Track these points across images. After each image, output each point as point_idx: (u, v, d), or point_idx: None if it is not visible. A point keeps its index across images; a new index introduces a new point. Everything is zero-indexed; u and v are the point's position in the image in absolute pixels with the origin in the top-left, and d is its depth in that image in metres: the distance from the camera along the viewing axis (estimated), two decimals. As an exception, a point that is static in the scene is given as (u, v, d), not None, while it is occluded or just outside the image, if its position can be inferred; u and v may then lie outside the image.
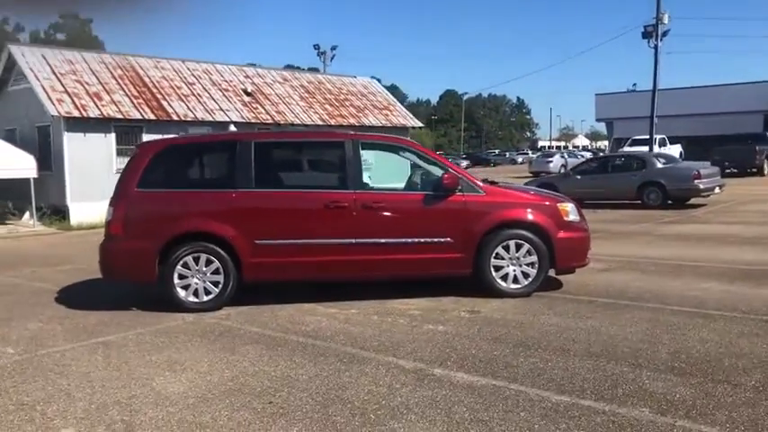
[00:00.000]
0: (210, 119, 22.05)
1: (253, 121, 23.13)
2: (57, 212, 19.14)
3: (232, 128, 22.06)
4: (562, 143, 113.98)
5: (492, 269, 7.37)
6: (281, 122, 23.90)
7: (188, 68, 24.08)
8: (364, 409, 4.29)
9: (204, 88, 23.43)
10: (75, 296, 8.26)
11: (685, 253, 10.22)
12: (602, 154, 43.35)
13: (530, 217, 7.40)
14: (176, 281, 7.12)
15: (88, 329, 6.58)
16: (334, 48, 46.95)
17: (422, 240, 7.28)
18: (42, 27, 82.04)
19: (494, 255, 7.34)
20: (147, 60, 23.32)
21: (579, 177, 18.94)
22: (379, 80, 32.53)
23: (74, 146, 19.09)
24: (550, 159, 43.08)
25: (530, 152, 74.30)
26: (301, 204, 7.25)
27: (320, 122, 25.25)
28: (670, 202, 17.69)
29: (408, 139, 8.94)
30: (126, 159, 8.68)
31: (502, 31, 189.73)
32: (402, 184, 7.91)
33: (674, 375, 4.73)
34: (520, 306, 6.99)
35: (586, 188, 18.60)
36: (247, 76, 25.59)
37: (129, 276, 7.40)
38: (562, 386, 4.59)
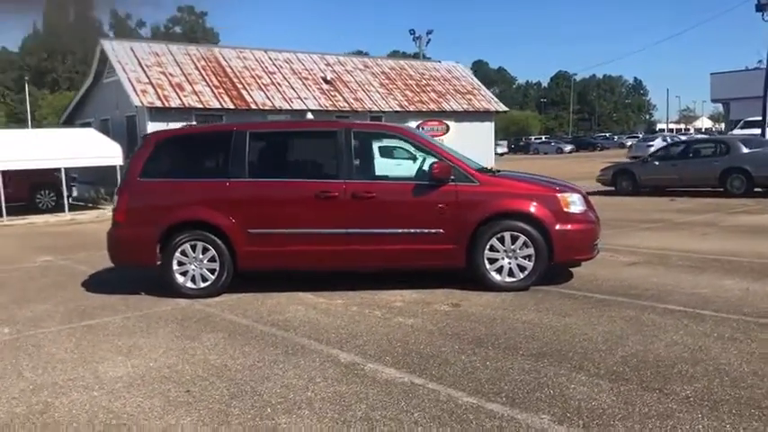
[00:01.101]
0: (288, 107, 22.56)
1: (330, 108, 23.46)
2: (142, 198, 20.24)
3: (309, 116, 22.51)
4: (681, 126, 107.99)
5: (486, 262, 7.13)
6: (359, 110, 24.10)
7: (270, 58, 24.71)
8: (267, 402, 4.30)
9: (284, 77, 23.98)
10: (102, 280, 8.71)
11: (733, 246, 9.46)
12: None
13: (525, 208, 7.09)
14: (175, 267, 7.37)
15: (86, 312, 6.95)
16: (429, 32, 46.55)
17: (412, 231, 7.15)
18: (161, 21, 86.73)
19: (488, 247, 7.10)
20: (230, 51, 24.14)
21: (658, 163, 17.89)
22: (486, 63, 31.84)
23: (157, 135, 20.06)
24: (651, 143, 40.95)
25: (641, 135, 70.89)
26: (293, 194, 7.29)
27: (398, 109, 25.25)
28: (758, 189, 16.41)
29: (400, 126, 8.56)
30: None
31: (615, 8, 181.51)
32: (405, 174, 7.78)
33: (608, 381, 4.42)
34: (509, 301, 6.74)
35: (665, 175, 17.61)
36: (328, 64, 25.95)
37: (132, 261, 7.74)
38: (481, 387, 4.40)
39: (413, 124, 26.07)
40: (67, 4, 78.34)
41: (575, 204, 7.24)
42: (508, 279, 7.16)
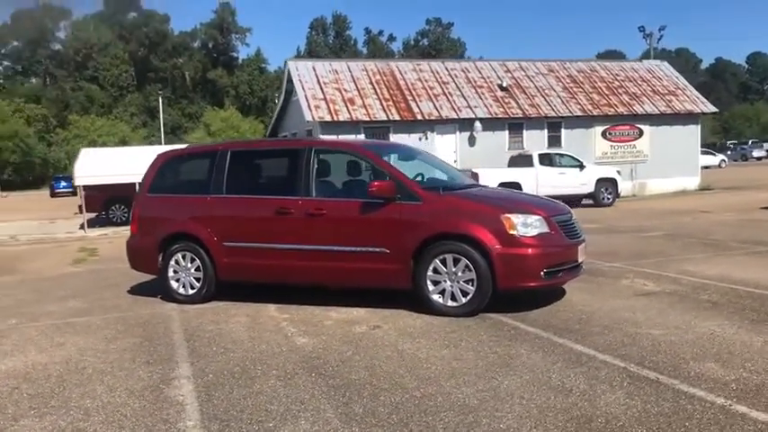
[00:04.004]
0: (455, 116, 22.65)
1: (500, 116, 23.07)
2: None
3: (477, 124, 22.41)
4: None
5: (429, 284, 6.80)
6: (533, 116, 23.35)
7: (446, 68, 24.99)
8: (43, 404, 4.72)
9: (457, 86, 24.09)
10: (148, 284, 9.73)
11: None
12: None
13: (463, 228, 6.62)
14: (170, 274, 8.13)
15: (89, 310, 7.97)
16: (662, 29, 43.40)
17: (359, 249, 7.08)
18: (411, 35, 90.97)
19: (431, 269, 6.77)
20: (406, 64, 24.92)
21: None
22: (765, 55, 27.80)
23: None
24: None
25: None
26: (258, 210, 7.63)
27: (579, 113, 23.95)
28: None
29: (357, 142, 8.02)
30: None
31: None
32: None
33: (343, 422, 4.13)
34: (430, 327, 6.38)
35: None
36: (508, 71, 25.49)
37: (142, 268, 8.66)
38: (227, 414, 4.38)
39: (598, 129, 24.56)
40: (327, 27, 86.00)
41: (526, 226, 6.58)
42: (450, 303, 6.75)
